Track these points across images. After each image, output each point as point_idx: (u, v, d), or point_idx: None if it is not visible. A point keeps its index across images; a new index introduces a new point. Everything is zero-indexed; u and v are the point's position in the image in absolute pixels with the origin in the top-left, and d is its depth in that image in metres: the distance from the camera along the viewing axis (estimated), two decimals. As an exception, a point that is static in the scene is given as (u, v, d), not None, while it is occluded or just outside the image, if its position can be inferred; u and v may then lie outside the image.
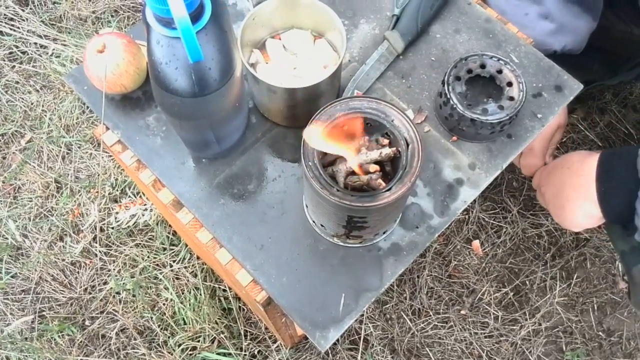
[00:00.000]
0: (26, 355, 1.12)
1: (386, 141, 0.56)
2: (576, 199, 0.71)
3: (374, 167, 0.54)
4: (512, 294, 1.19)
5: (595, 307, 1.18)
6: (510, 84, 0.66)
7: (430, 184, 0.66)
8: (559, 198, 0.75)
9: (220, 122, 0.58)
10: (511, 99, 0.65)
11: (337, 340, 1.14)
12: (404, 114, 0.53)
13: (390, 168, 0.57)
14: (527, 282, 1.20)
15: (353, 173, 0.55)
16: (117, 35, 0.65)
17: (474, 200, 1.26)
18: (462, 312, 1.18)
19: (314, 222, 0.62)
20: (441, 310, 1.18)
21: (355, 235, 0.59)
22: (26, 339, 1.14)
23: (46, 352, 1.10)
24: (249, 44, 0.66)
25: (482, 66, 0.67)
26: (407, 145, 0.53)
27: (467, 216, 1.26)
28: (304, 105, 0.63)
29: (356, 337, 1.16)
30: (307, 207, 0.63)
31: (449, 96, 0.64)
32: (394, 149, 0.54)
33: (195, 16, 0.48)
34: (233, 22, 0.63)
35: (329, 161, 0.58)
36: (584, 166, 0.71)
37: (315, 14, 0.65)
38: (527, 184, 1.28)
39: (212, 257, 0.64)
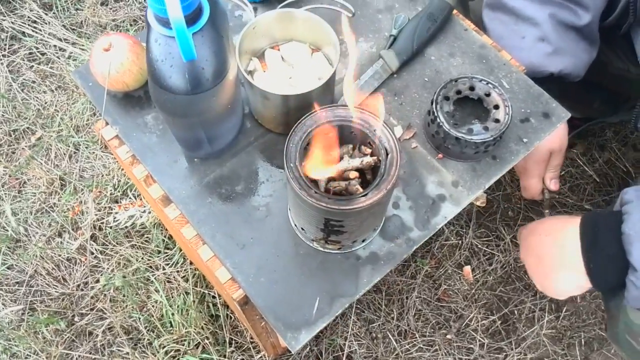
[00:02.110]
0: (11, 344, 1.13)
1: (369, 150, 0.58)
2: (561, 269, 0.70)
3: (353, 174, 0.56)
4: (499, 322, 1.19)
5: (583, 342, 1.17)
6: (497, 107, 0.68)
7: (413, 198, 0.67)
8: (540, 267, 0.74)
9: (212, 121, 0.61)
10: (497, 121, 0.67)
11: (321, 354, 1.14)
12: (386, 125, 0.55)
13: (371, 176, 0.59)
14: (516, 312, 1.20)
15: (334, 179, 0.58)
16: (123, 36, 0.69)
17: (468, 226, 1.27)
18: (448, 336, 1.18)
19: (295, 225, 0.64)
20: (427, 333, 1.18)
21: (333, 240, 0.61)
22: (13, 328, 1.15)
23: (31, 341, 1.12)
24: (248, 52, 0.69)
25: (471, 88, 0.69)
26: (387, 154, 0.55)
27: (460, 241, 1.27)
28: (296, 113, 0.66)
29: (340, 353, 1.16)
30: (290, 210, 0.64)
31: (436, 114, 0.67)
32: (375, 158, 0.56)
33: (193, 19, 0.51)
34: (237, 32, 0.66)
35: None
36: (566, 235, 0.70)
37: (313, 28, 0.67)
38: (522, 214, 1.29)
39: (195, 254, 0.66)
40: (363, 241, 0.64)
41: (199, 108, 0.57)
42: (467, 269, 1.24)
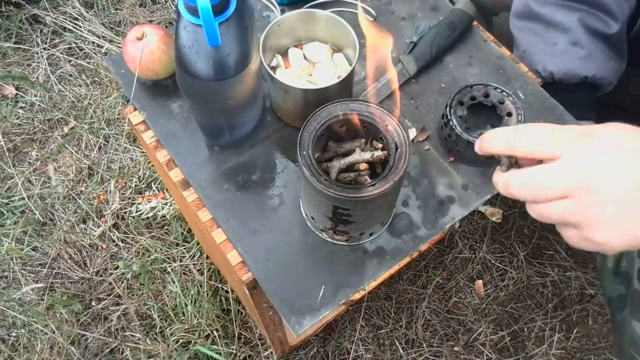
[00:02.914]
0: (30, 320, 1.17)
1: (380, 145, 0.60)
2: None
3: (364, 166, 0.58)
4: (508, 338, 1.19)
5: (592, 365, 1.16)
6: (509, 114, 0.69)
7: (422, 198, 0.69)
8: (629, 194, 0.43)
9: (233, 109, 0.64)
10: (509, 128, 0.68)
11: (327, 355, 1.16)
12: (398, 120, 0.57)
13: (380, 170, 0.61)
14: (526, 329, 1.20)
15: (345, 171, 0.60)
16: (155, 27, 0.73)
17: (482, 241, 1.28)
18: (456, 348, 1.18)
19: (306, 215, 0.67)
20: (435, 344, 1.18)
21: (341, 230, 0.63)
22: (34, 305, 1.20)
23: (49, 319, 1.16)
24: (272, 49, 0.72)
25: (486, 95, 0.71)
26: (397, 148, 0.57)
27: (473, 255, 1.27)
28: (313, 108, 0.68)
29: (346, 356, 1.17)
30: (301, 199, 0.67)
31: (449, 117, 0.68)
32: (385, 152, 0.59)
33: (221, 9, 0.55)
34: (262, 30, 0.70)
35: (325, 158, 0.62)
36: None
37: (335, 29, 0.70)
38: (537, 233, 1.29)
39: (208, 239, 0.69)
40: (371, 234, 0.66)
41: (221, 95, 0.60)
42: (479, 283, 1.24)
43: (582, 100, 0.84)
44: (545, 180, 0.44)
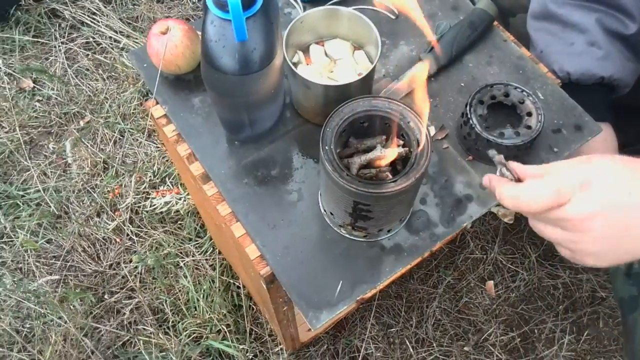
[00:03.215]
0: (45, 311, 1.19)
1: (401, 142, 0.61)
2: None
3: (384, 162, 0.59)
4: (519, 339, 1.19)
5: (602, 368, 1.16)
6: (529, 114, 0.70)
7: (440, 196, 0.70)
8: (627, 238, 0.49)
9: (256, 104, 0.65)
10: (528, 127, 0.69)
11: (337, 353, 1.16)
12: (419, 118, 0.58)
13: (401, 167, 0.61)
14: (536, 331, 1.20)
15: (365, 167, 0.60)
16: (179, 22, 0.74)
17: (494, 242, 1.28)
18: (466, 348, 1.18)
19: (325, 211, 0.67)
20: (445, 343, 1.18)
21: (360, 226, 0.63)
22: (48, 297, 1.21)
23: (63, 312, 1.17)
24: (294, 45, 0.73)
25: (506, 95, 0.71)
26: (418, 145, 0.57)
27: (484, 256, 1.27)
28: (334, 105, 0.69)
29: (356, 354, 1.17)
30: (320, 195, 0.67)
31: (469, 116, 0.69)
32: (407, 149, 0.59)
33: (248, 4, 0.55)
34: (284, 27, 0.70)
35: (346, 154, 0.63)
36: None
37: (357, 26, 0.71)
38: (549, 235, 1.29)
39: (226, 234, 0.69)
40: (388, 231, 0.66)
41: (245, 89, 0.61)
42: (490, 283, 1.24)
43: (598, 102, 0.84)
44: (550, 218, 0.49)
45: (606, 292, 1.22)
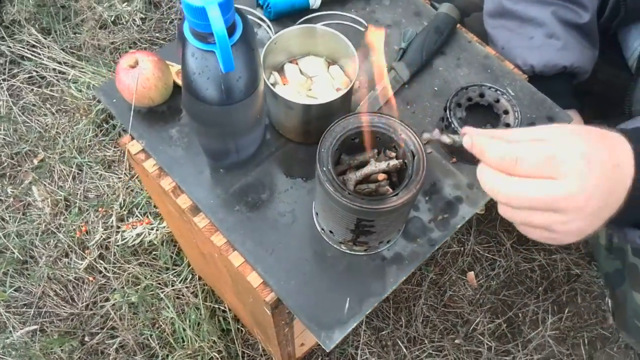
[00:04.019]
0: (27, 364, 1.13)
1: (393, 154, 0.61)
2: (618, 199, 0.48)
3: (382, 176, 0.59)
4: (505, 325, 1.22)
5: (586, 342, 1.21)
6: (506, 112, 0.72)
7: (432, 200, 0.71)
8: (605, 207, 0.48)
9: (242, 131, 0.64)
10: (507, 125, 0.71)
11: (334, 363, 1.16)
12: (411, 129, 0.59)
13: (396, 179, 0.62)
14: (520, 314, 1.24)
15: (361, 182, 0.61)
16: (147, 54, 0.71)
17: (469, 233, 1.31)
18: (457, 341, 1.20)
19: (322, 229, 0.67)
20: (436, 339, 1.20)
21: (361, 241, 0.63)
22: (28, 349, 1.15)
23: (46, 361, 1.12)
24: (269, 67, 0.72)
25: (481, 95, 0.73)
26: (414, 156, 0.58)
27: (462, 248, 1.30)
28: (317, 122, 0.69)
29: (352, 362, 1.18)
30: (317, 214, 0.67)
31: (450, 120, 0.70)
32: (401, 160, 0.60)
33: (229, 33, 0.54)
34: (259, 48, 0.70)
35: (339, 171, 0.63)
36: (618, 150, 0.48)
37: (332, 42, 0.71)
38: (520, 220, 1.34)
39: (219, 262, 0.68)
40: (388, 242, 0.67)
41: (232, 118, 0.60)
42: (471, 274, 1.27)
43: (563, 90, 0.88)
44: (547, 199, 0.45)
45: (580, 268, 1.27)
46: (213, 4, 0.49)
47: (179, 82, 0.75)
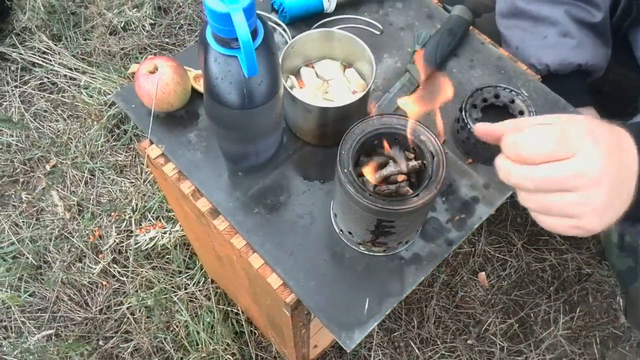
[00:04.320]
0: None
1: (412, 155, 0.62)
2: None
3: (402, 177, 0.60)
4: (517, 325, 1.23)
5: (598, 341, 1.21)
6: (522, 112, 0.72)
7: (448, 201, 0.71)
8: (619, 193, 0.48)
9: (262, 134, 0.65)
10: (522, 125, 0.71)
11: (347, 365, 1.16)
12: (429, 130, 0.59)
13: (415, 180, 0.63)
14: (532, 315, 1.24)
15: (380, 184, 0.61)
16: (166, 59, 0.72)
17: (480, 234, 1.32)
18: (469, 341, 1.21)
19: (341, 230, 0.68)
20: (448, 340, 1.21)
21: (380, 242, 0.64)
22: (44, 353, 1.16)
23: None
24: (286, 70, 0.73)
25: (496, 96, 0.74)
26: (433, 157, 0.59)
27: (473, 249, 1.31)
28: (334, 125, 0.70)
29: (365, 363, 1.18)
30: (335, 216, 0.68)
31: (466, 121, 0.71)
32: (420, 162, 0.60)
33: (252, 37, 0.55)
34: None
35: (358, 173, 0.63)
36: (622, 139, 0.49)
37: (348, 46, 0.72)
38: (530, 220, 1.34)
39: (237, 264, 0.69)
40: (406, 243, 0.67)
41: (253, 122, 0.61)
42: (482, 275, 1.28)
43: (578, 88, 0.89)
44: (559, 176, 0.45)
45: (590, 268, 1.27)
46: (237, 10, 0.50)
47: (197, 87, 0.76)
